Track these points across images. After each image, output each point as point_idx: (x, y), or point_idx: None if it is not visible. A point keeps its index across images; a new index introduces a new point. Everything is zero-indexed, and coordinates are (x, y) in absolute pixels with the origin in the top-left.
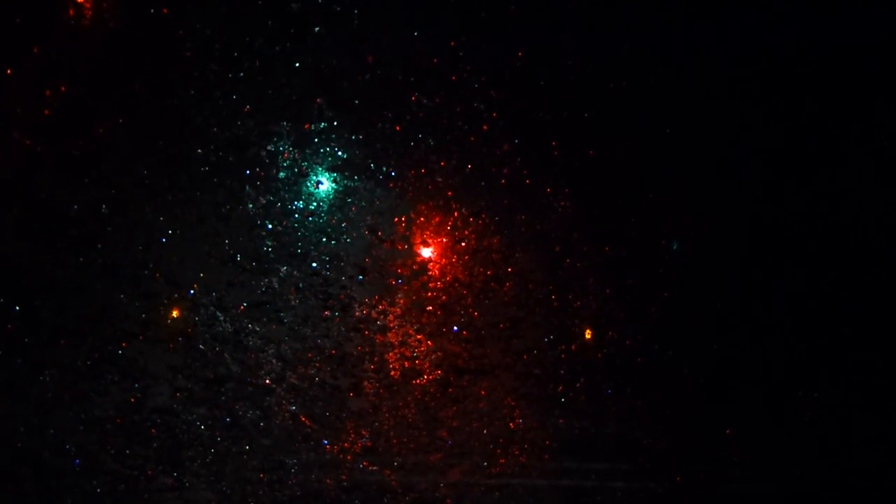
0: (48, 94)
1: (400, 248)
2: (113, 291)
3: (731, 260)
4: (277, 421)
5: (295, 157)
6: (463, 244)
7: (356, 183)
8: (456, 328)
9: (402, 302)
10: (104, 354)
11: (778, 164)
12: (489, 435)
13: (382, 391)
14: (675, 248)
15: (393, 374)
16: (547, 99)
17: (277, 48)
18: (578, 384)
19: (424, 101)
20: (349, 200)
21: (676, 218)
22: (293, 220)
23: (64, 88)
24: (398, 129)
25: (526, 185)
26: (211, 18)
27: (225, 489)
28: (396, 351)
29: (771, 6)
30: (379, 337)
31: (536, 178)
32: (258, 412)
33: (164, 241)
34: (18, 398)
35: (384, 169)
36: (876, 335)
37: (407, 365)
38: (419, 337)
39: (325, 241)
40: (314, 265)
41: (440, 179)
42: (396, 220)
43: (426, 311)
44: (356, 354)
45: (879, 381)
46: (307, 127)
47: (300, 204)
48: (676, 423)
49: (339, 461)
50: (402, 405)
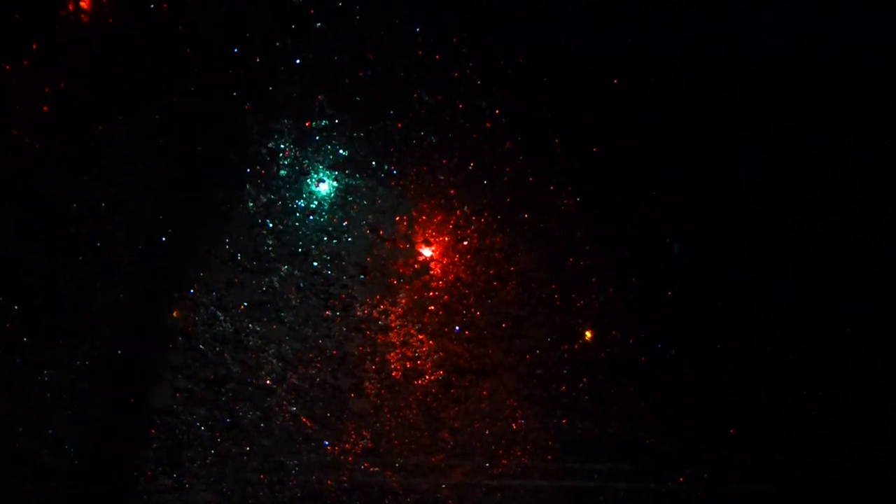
0: (47, 90)
1: (402, 246)
2: (111, 290)
3: (734, 260)
4: (278, 421)
5: (296, 154)
6: (465, 243)
7: (357, 181)
8: (458, 328)
9: (403, 301)
10: (103, 354)
11: (781, 163)
12: (491, 436)
13: (384, 392)
14: (676, 251)
15: (394, 374)
16: (550, 96)
17: (278, 44)
18: (581, 384)
19: (426, 98)
20: (350, 199)
21: (680, 217)
22: (294, 218)
23: (63, 85)
24: (400, 126)
25: (529, 183)
26: (211, 14)
27: (225, 490)
28: (398, 351)
29: (771, 6)
30: (380, 337)
31: (539, 176)
32: (258, 413)
33: (163, 239)
34: (17, 398)
35: (386, 167)
36: (877, 335)
37: (408, 365)
38: (421, 337)
39: (326, 239)
40: (315, 264)
41: (442, 178)
42: (398, 218)
43: (428, 310)
44: (357, 354)
45: (880, 380)
46: (308, 124)
47: (301, 202)
48: (679, 422)
49: (340, 462)
50: (403, 406)
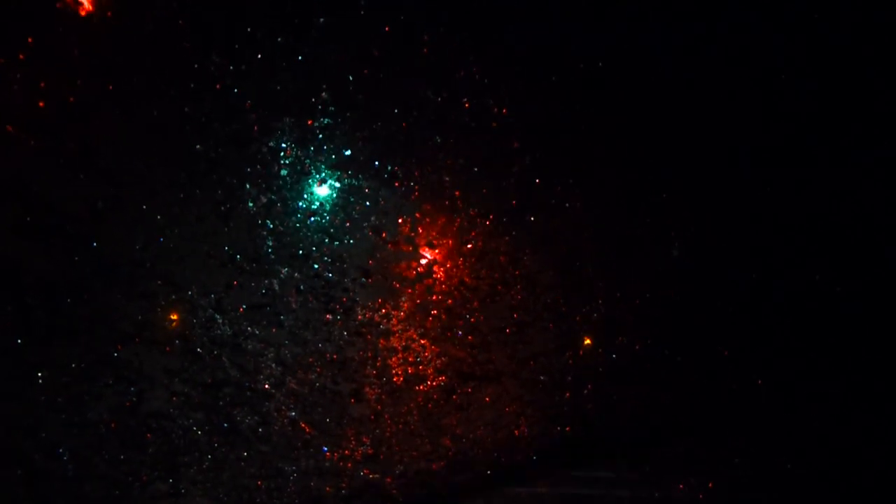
0: (43, 86)
1: (405, 249)
2: (109, 291)
3: (743, 265)
4: (276, 427)
5: (297, 154)
6: (469, 246)
7: (360, 182)
8: (461, 333)
9: (405, 305)
10: (99, 356)
11: (791, 165)
12: (494, 443)
13: (384, 397)
14: (675, 253)
15: (395, 379)
16: (558, 96)
17: (280, 40)
18: (586, 391)
19: (431, 96)
20: (352, 200)
21: (688, 220)
22: (294, 219)
23: (60, 82)
24: (404, 125)
25: (535, 184)
26: (211, 9)
27: (222, 497)
28: (399, 356)
29: (772, 6)
30: (382, 341)
31: (546, 177)
32: (257, 418)
33: (161, 240)
34: (10, 400)
35: (389, 167)
36: (885, 338)
37: (410, 370)
38: (423, 342)
39: (327, 241)
40: (316, 267)
41: (447, 178)
42: (401, 220)
43: (430, 314)
44: (358, 359)
45: (888, 384)
46: (310, 123)
47: (302, 203)
48: (684, 430)
49: (339, 469)
50: (404, 412)
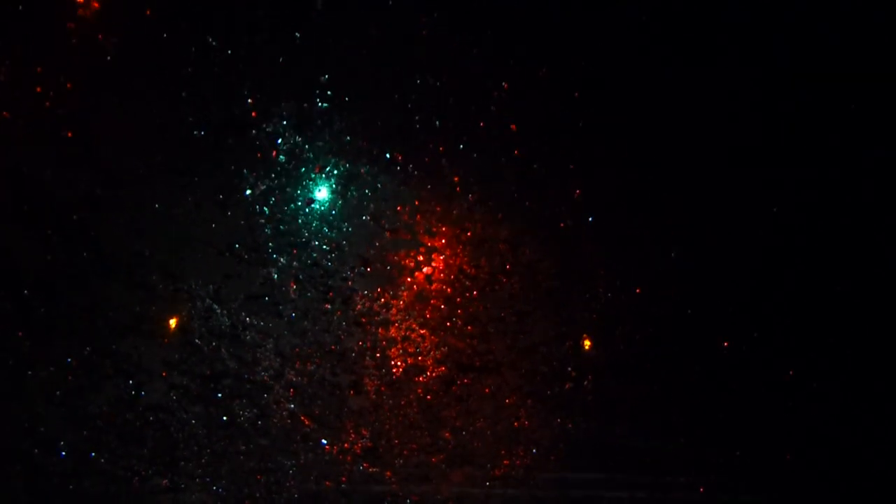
0: (39, 71)
1: (404, 237)
2: (106, 282)
3: (744, 260)
4: (275, 420)
5: (295, 139)
6: (469, 234)
7: (359, 168)
8: (461, 322)
9: (405, 295)
10: (97, 348)
11: (791, 165)
12: (493, 435)
13: (384, 389)
14: (673, 255)
15: (395, 370)
16: (559, 81)
17: (278, 24)
18: (586, 382)
19: (430, 81)
20: (351, 187)
21: (690, 210)
22: (293, 206)
23: (56, 69)
24: (403, 111)
25: (536, 170)
26: None
27: (221, 491)
28: (399, 346)
29: (773, 6)
30: (381, 331)
31: (546, 163)
32: (255, 410)
33: (159, 229)
34: (8, 394)
35: (388, 154)
36: (886, 338)
37: (409, 361)
38: (422, 332)
39: (326, 229)
40: (314, 255)
41: (446, 165)
42: (400, 208)
43: (430, 304)
44: (357, 350)
45: (888, 384)
46: (309, 108)
47: (300, 190)
48: (684, 427)
49: (338, 462)
50: (403, 404)
